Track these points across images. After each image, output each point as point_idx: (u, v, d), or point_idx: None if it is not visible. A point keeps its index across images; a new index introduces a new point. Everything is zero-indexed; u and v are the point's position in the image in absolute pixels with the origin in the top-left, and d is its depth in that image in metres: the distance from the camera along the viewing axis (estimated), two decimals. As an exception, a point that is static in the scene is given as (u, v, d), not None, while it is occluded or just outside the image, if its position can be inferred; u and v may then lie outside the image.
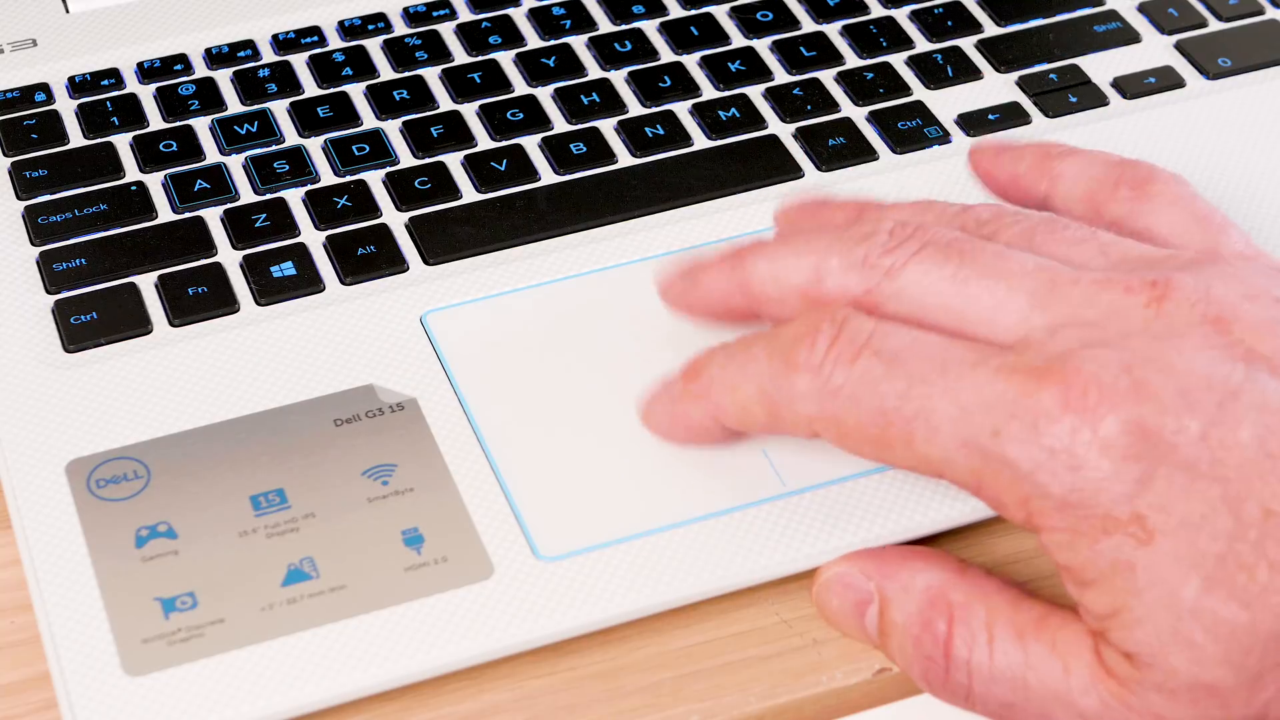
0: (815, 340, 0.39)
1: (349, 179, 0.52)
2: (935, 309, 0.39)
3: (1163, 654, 0.36)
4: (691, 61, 0.56)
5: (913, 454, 0.38)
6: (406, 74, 0.55)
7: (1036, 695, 0.38)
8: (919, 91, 0.55)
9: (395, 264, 0.49)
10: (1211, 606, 0.35)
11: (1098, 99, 0.54)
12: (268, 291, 0.48)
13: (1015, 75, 0.55)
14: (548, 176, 0.52)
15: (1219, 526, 0.35)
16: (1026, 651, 0.38)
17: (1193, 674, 0.36)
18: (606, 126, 0.53)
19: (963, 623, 0.39)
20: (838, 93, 0.55)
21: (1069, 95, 0.54)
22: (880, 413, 0.38)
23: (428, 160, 0.52)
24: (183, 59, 0.55)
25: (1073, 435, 0.36)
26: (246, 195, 0.51)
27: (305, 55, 0.56)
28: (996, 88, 0.55)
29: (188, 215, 0.51)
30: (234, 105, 0.54)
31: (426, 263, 0.49)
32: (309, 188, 0.51)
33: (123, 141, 0.53)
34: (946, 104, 0.54)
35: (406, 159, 0.52)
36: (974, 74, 0.55)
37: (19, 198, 0.51)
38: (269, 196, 0.51)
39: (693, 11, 0.57)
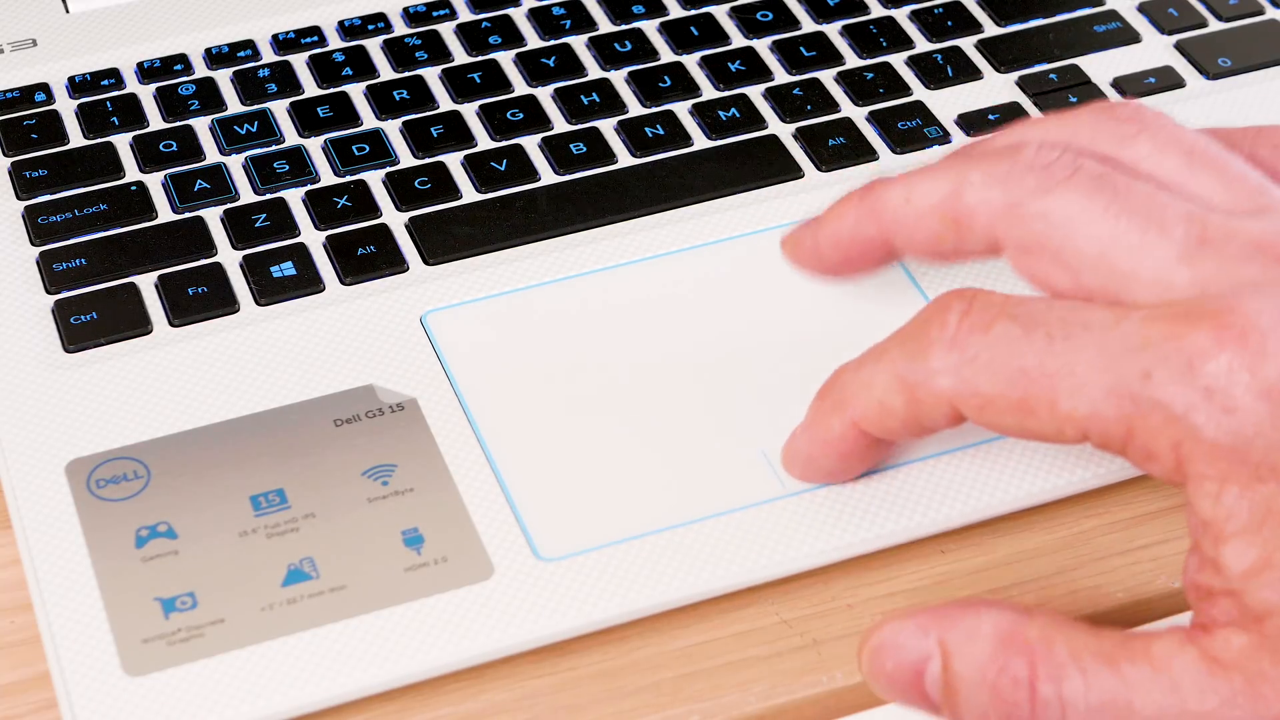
0: (946, 316, 0.37)
1: (349, 179, 0.52)
2: (1081, 238, 0.38)
3: None
4: (691, 61, 0.56)
5: (1057, 415, 0.36)
6: (406, 74, 0.55)
7: (1143, 717, 0.35)
8: (919, 91, 0.55)
9: (395, 264, 0.49)
10: None
11: (1098, 99, 0.54)
12: (268, 291, 0.48)
13: (1015, 75, 0.55)
14: (548, 176, 0.52)
15: None
16: (1123, 676, 0.35)
17: None
18: (606, 126, 0.53)
19: (1045, 660, 0.36)
20: (838, 93, 0.55)
21: (1069, 95, 0.54)
22: (1021, 373, 0.36)
23: (428, 160, 0.52)
24: (183, 59, 0.55)
25: (1230, 376, 0.34)
26: (246, 195, 0.51)
27: (305, 55, 0.56)
28: (996, 88, 0.55)
29: (188, 215, 0.51)
30: (234, 105, 0.54)
31: (426, 263, 0.49)
32: (309, 188, 0.51)
33: (123, 141, 0.53)
34: (946, 104, 0.54)
35: (406, 159, 0.52)
36: (974, 74, 0.55)
37: (19, 198, 0.51)
38: (269, 196, 0.51)
39: (693, 11, 0.57)
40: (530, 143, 0.53)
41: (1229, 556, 0.35)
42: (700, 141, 0.53)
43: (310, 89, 0.55)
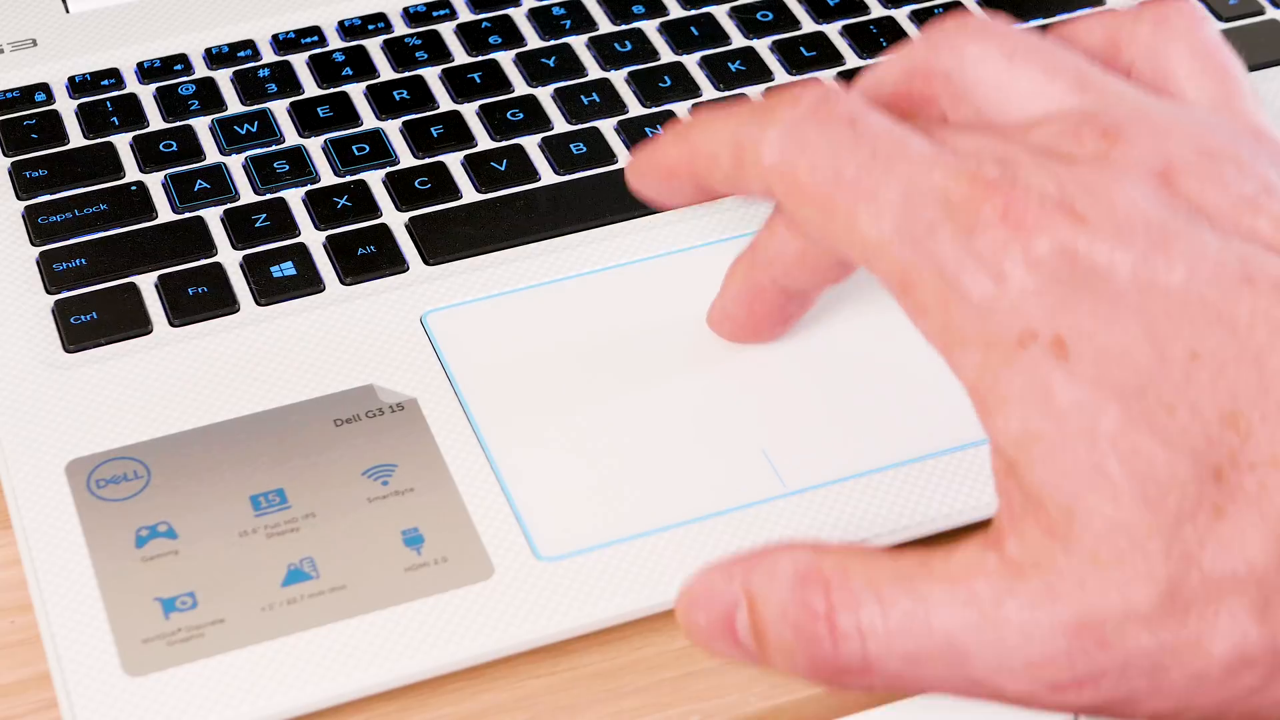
0: (801, 98, 0.38)
1: (349, 179, 0.52)
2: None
3: (1080, 492, 0.33)
4: (691, 61, 0.56)
5: (851, 232, 0.36)
6: (406, 74, 0.55)
7: (942, 633, 0.34)
8: (919, 91, 0.55)
9: (395, 264, 0.49)
10: (1130, 438, 0.33)
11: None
12: (268, 291, 0.48)
13: (1015, 75, 0.55)
14: (548, 176, 0.52)
15: (1140, 361, 0.34)
16: (920, 593, 0.35)
17: (1110, 517, 0.33)
18: (606, 126, 0.53)
19: (841, 588, 0.35)
20: (838, 93, 0.55)
21: (1069, 95, 0.54)
22: (836, 176, 0.37)
23: (428, 160, 0.52)
24: (183, 59, 0.55)
25: (1004, 247, 0.35)
26: (246, 195, 0.51)
27: (305, 55, 0.56)
28: (996, 88, 0.55)
29: (188, 215, 0.51)
30: (234, 105, 0.54)
31: (426, 263, 0.49)
32: (309, 188, 0.51)
33: (123, 141, 0.53)
34: (946, 104, 0.54)
35: (406, 159, 0.52)
36: (974, 74, 0.55)
37: (19, 198, 0.51)
38: (269, 196, 0.51)
39: (693, 11, 0.57)
40: (530, 143, 0.53)
41: (999, 426, 0.35)
42: (700, 141, 0.53)
43: (310, 89, 0.55)
